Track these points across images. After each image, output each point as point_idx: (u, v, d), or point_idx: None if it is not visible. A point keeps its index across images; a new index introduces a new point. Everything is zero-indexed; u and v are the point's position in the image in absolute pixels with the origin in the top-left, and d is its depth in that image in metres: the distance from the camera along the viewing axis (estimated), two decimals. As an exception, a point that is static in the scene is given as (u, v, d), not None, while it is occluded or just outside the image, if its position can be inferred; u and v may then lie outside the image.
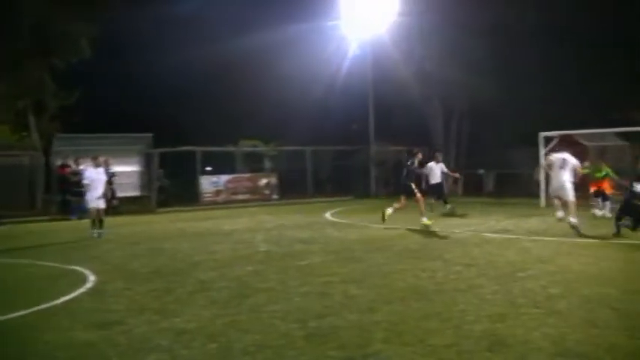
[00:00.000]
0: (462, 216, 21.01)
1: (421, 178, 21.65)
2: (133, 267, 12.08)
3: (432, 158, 22.90)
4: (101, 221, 17.07)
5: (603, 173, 19.84)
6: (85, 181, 17.29)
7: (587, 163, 19.80)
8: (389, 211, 18.28)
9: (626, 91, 26.54)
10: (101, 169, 17.61)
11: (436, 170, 22.77)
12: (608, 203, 19.60)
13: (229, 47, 33.07)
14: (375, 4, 30.70)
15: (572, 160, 15.89)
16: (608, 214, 18.84)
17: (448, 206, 22.12)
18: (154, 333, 7.29)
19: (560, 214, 16.05)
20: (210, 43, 33.12)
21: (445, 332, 6.96)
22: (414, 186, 18.33)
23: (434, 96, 32.50)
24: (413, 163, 18.81)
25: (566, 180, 15.61)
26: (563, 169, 15.69)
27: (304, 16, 30.86)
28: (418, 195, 18.15)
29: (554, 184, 15.90)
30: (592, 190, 20.12)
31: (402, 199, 18.32)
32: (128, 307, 8.66)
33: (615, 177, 19.93)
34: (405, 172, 18.82)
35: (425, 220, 17.53)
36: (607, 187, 19.87)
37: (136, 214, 24.91)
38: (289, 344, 6.72)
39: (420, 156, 19.40)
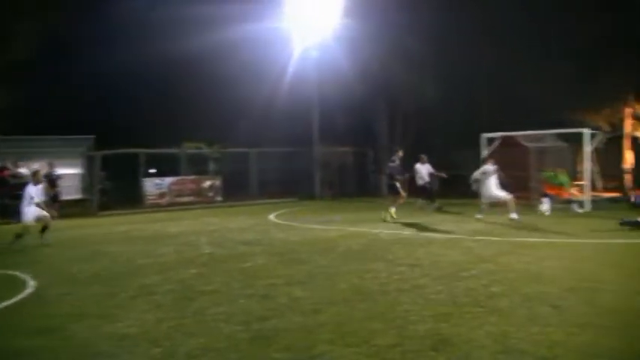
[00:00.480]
0: (407, 216, 21.18)
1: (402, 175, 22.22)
2: (74, 271, 11.89)
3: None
4: (45, 227, 16.51)
5: (561, 181, 21.00)
6: (29, 201, 16.16)
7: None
8: (392, 210, 20.14)
9: (567, 93, 27.07)
10: (41, 186, 16.79)
11: (422, 171, 24.09)
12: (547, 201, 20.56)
13: (173, 48, 32.69)
14: (320, 5, 30.73)
15: (488, 170, 18.78)
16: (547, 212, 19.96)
17: (435, 204, 23.46)
18: (96, 338, 7.20)
19: (479, 215, 19.02)
20: (153, 44, 32.70)
21: (389, 332, 7.03)
22: (398, 185, 20.37)
23: (379, 97, 32.68)
24: (394, 161, 20.75)
25: (491, 188, 18.63)
26: (484, 182, 18.79)
27: (249, 18, 30.68)
28: (402, 193, 20.28)
29: (485, 194, 18.95)
30: (545, 190, 21.17)
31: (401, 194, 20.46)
32: (69, 312, 8.54)
33: (569, 188, 21.11)
34: (389, 170, 20.92)
35: (392, 211, 19.82)
36: (562, 193, 20.95)
37: (78, 217, 24.49)
38: (233, 347, 6.71)
39: (400, 153, 21.14)
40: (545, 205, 20.55)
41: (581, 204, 21.29)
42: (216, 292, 9.55)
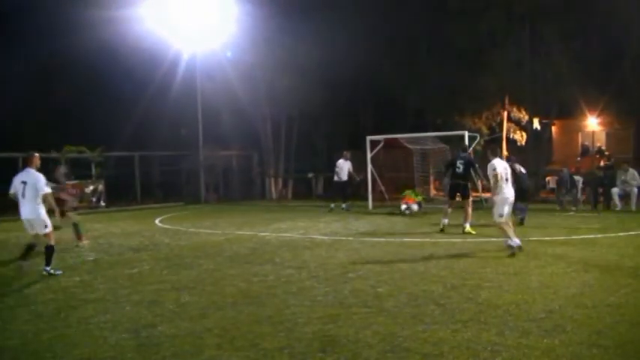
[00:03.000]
0: (292, 219, 21.28)
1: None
2: (-52, 282, 11.37)
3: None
4: None
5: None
6: None
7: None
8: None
9: (448, 97, 27.95)
10: None
11: (344, 168, 24.04)
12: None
13: (52, 49, 31.82)
14: (206, 11, 30.46)
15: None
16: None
17: (344, 205, 23.77)
18: (-28, 352, 6.92)
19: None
20: (33, 47, 31.72)
21: (277, 335, 7.07)
22: None
23: (262, 101, 32.70)
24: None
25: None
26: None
27: (133, 21, 30.01)
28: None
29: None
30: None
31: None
32: (-58, 326, 8.16)
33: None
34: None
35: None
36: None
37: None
38: (120, 356, 6.59)
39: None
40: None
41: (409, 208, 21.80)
42: (102, 299, 9.35)
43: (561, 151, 33.28)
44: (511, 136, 30.24)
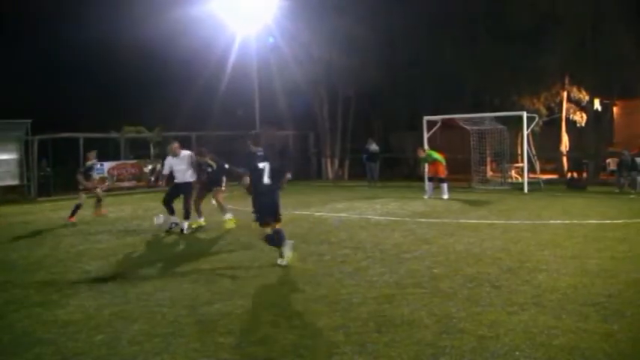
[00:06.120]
0: (348, 200, 21.27)
1: None
2: (12, 259, 11.66)
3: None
4: None
5: (431, 157, 21.33)
6: None
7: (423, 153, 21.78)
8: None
9: (506, 77, 27.49)
10: None
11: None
12: (445, 186, 21.07)
13: (110, 31, 32.17)
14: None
15: None
16: (445, 196, 20.58)
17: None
18: (37, 326, 7.09)
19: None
20: (89, 26, 32.12)
21: (333, 315, 7.09)
22: None
23: (319, 81, 32.65)
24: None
25: None
26: None
27: (190, 2, 30.26)
28: None
29: None
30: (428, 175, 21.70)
31: None
32: (8, 300, 8.39)
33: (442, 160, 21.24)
34: None
35: None
36: (441, 171, 21.11)
37: (15, 203, 23.99)
38: (178, 332, 6.68)
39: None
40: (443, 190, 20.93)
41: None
42: (160, 277, 9.50)
43: (623, 132, 32.50)
44: (570, 117, 29.66)
